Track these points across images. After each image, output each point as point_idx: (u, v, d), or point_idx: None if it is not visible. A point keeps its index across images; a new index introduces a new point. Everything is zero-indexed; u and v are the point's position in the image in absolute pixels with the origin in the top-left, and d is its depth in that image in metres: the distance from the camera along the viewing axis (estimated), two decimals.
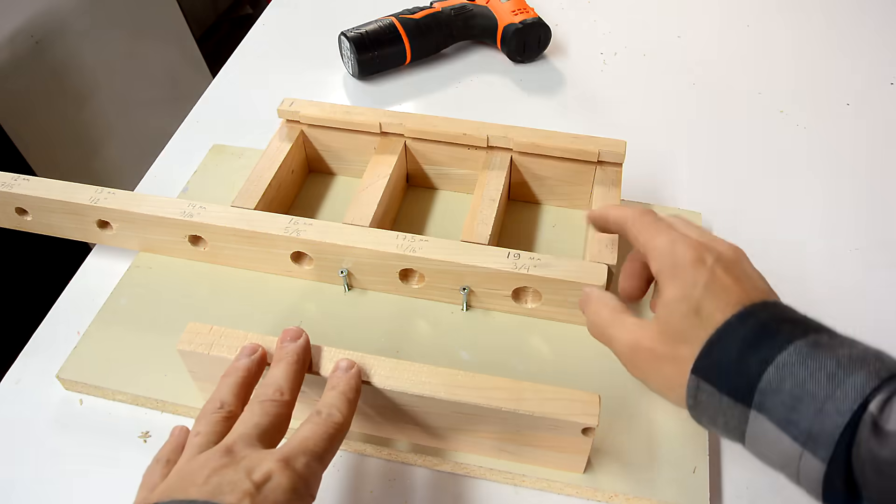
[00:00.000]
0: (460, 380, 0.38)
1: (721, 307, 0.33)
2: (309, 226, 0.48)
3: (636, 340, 0.36)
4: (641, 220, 0.38)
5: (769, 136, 0.66)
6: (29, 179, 0.51)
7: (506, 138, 0.54)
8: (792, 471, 0.31)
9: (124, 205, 0.50)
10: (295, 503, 0.30)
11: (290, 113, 0.57)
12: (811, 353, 0.30)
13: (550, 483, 0.41)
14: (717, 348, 0.32)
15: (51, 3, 1.07)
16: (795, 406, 0.30)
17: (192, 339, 0.40)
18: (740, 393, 0.31)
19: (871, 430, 0.28)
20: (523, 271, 0.45)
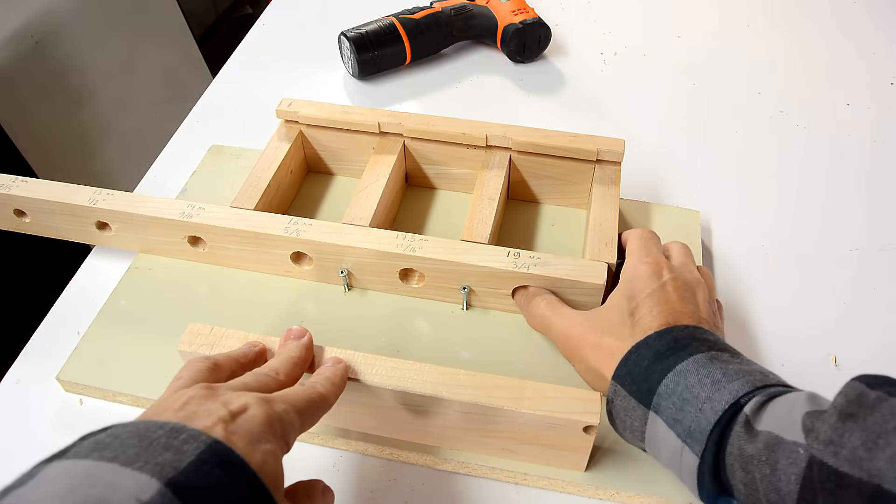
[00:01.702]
0: (462, 379, 0.38)
1: (654, 315, 0.38)
2: (309, 226, 0.48)
3: (571, 326, 0.41)
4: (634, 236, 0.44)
5: (769, 136, 0.66)
6: (27, 181, 0.51)
7: (505, 137, 0.54)
8: (676, 466, 0.35)
9: (123, 206, 0.50)
10: (269, 438, 0.29)
11: (289, 113, 0.56)
12: (705, 364, 0.34)
13: (552, 481, 0.41)
14: (634, 358, 0.36)
15: (51, 3, 1.07)
16: (682, 407, 0.34)
17: (193, 339, 0.40)
18: (643, 396, 0.35)
19: (744, 428, 0.32)
20: (524, 270, 0.45)
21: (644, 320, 0.38)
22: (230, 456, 0.27)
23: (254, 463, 0.27)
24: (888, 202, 0.59)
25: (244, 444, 0.28)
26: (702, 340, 0.36)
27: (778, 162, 0.63)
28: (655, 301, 0.38)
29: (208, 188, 0.58)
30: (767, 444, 0.31)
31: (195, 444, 0.26)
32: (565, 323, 0.42)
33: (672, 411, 0.34)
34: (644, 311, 0.38)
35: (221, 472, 0.26)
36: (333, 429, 0.43)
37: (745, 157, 0.64)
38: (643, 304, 0.39)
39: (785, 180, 0.62)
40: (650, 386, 0.35)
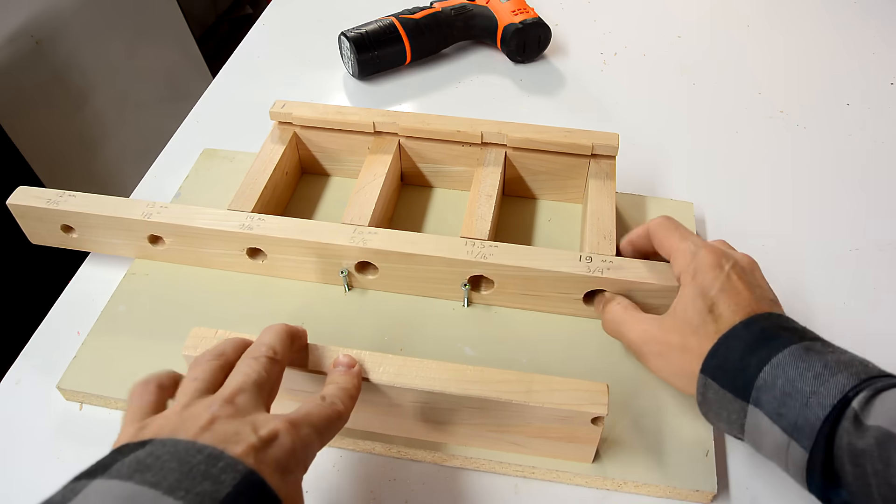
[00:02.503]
0: (469, 374, 0.38)
1: (732, 308, 0.38)
2: (374, 234, 0.47)
3: (648, 331, 0.41)
4: (665, 225, 0.44)
5: (769, 136, 0.66)
6: (75, 195, 0.50)
7: (500, 134, 0.54)
8: (781, 459, 0.35)
9: (179, 219, 0.48)
10: (292, 468, 0.30)
11: (283, 115, 0.56)
12: (803, 356, 0.34)
13: (560, 474, 0.41)
14: (723, 350, 0.36)
15: (51, 3, 1.07)
16: (785, 401, 0.34)
17: (197, 343, 0.39)
18: (740, 389, 0.35)
19: (852, 423, 0.32)
20: (597, 274, 0.45)
21: (725, 315, 0.38)
22: (264, 488, 0.27)
23: (282, 495, 0.28)
24: (888, 202, 0.59)
25: (274, 474, 0.29)
26: (791, 330, 0.36)
27: (778, 162, 0.63)
28: (729, 294, 0.38)
29: (202, 192, 0.58)
30: (878, 440, 0.31)
31: (232, 475, 0.27)
32: (642, 328, 0.41)
33: (774, 405, 0.34)
34: (722, 306, 0.38)
35: None
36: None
37: (746, 157, 0.64)
38: (719, 300, 0.38)
39: (785, 180, 0.62)
40: (746, 379, 0.35)
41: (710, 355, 0.37)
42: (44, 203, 0.49)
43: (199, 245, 0.50)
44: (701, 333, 0.38)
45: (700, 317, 0.38)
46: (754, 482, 0.42)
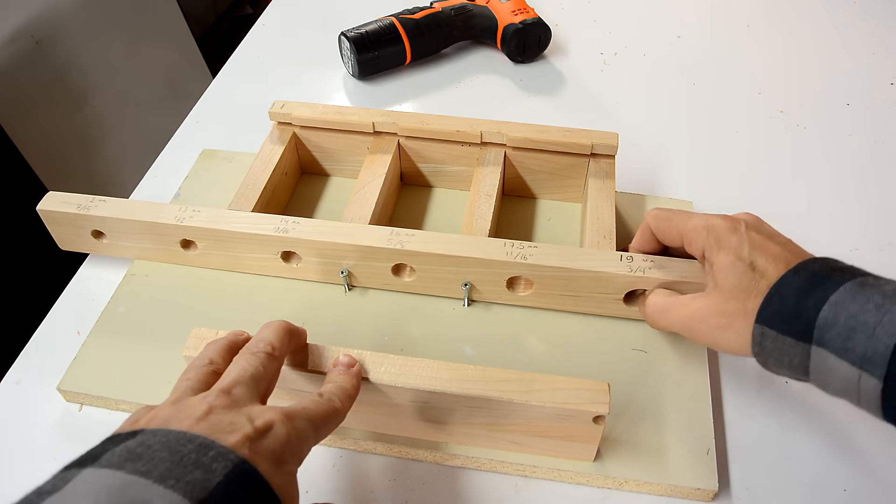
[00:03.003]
0: (470, 374, 0.38)
1: (771, 261, 0.38)
2: (411, 237, 0.47)
3: (704, 308, 0.40)
4: (663, 216, 0.44)
5: (769, 136, 0.66)
6: (106, 200, 0.49)
7: (499, 134, 0.54)
8: (853, 394, 0.35)
9: (213, 223, 0.48)
10: (287, 459, 0.30)
11: (282, 115, 0.56)
12: (859, 291, 0.35)
13: (561, 473, 0.41)
14: (776, 298, 0.37)
15: (51, 3, 1.07)
16: (850, 336, 0.34)
17: (198, 344, 0.39)
18: (800, 333, 0.35)
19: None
20: (639, 274, 0.44)
21: (768, 269, 0.38)
22: (255, 476, 0.27)
23: (275, 485, 0.28)
24: (888, 202, 0.59)
25: (268, 464, 0.28)
26: (840, 269, 0.36)
27: (778, 162, 0.63)
28: (760, 250, 0.39)
29: (201, 193, 0.58)
30: None
31: (223, 463, 0.27)
32: (695, 307, 0.41)
33: (840, 342, 0.34)
34: (760, 261, 0.38)
35: (247, 495, 0.27)
36: (339, 428, 0.42)
37: (746, 156, 0.64)
38: (755, 257, 0.39)
39: (785, 180, 0.62)
40: (806, 321, 0.35)
41: (765, 305, 0.37)
42: (74, 209, 0.49)
43: (233, 249, 0.49)
44: (755, 292, 0.38)
45: (747, 277, 0.38)
46: (755, 480, 0.42)
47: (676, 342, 0.47)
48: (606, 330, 0.48)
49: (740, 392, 0.46)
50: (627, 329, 0.48)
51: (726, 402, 0.46)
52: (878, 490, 0.41)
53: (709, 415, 0.43)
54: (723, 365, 0.48)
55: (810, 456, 0.43)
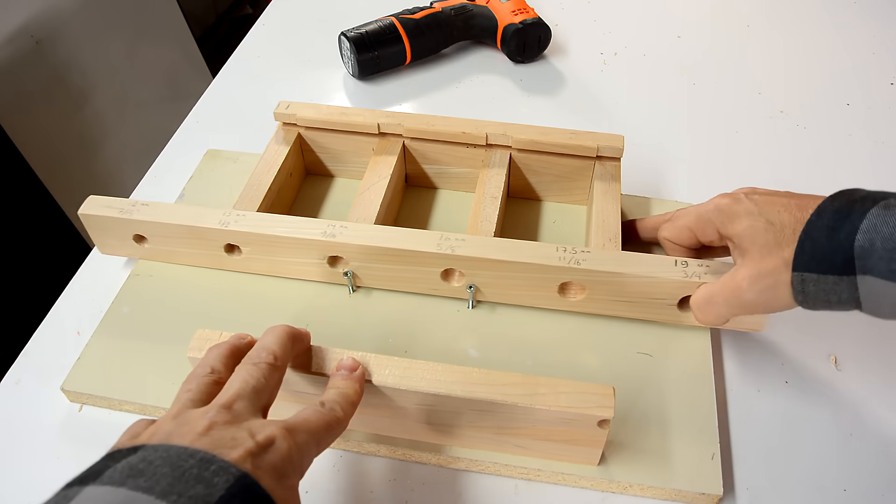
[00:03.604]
0: (475, 377, 0.38)
1: (783, 210, 0.39)
2: (462, 242, 0.46)
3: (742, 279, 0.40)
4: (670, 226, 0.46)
5: (769, 136, 0.66)
6: (148, 204, 0.49)
7: (505, 136, 0.54)
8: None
9: (258, 227, 0.48)
10: (289, 473, 0.30)
11: (287, 116, 0.56)
12: (887, 213, 0.35)
13: (565, 476, 0.41)
14: (808, 243, 0.37)
15: (51, 3, 1.07)
16: (892, 256, 0.34)
17: (202, 345, 0.39)
18: (841, 267, 0.36)
19: None
20: (695, 279, 0.44)
21: (784, 219, 0.39)
22: (257, 490, 0.27)
23: (277, 498, 0.28)
24: None
25: (270, 479, 0.28)
26: (861, 199, 0.37)
27: (778, 162, 0.63)
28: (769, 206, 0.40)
29: (206, 193, 0.58)
30: None
31: (225, 477, 0.27)
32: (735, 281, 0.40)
33: (883, 265, 0.34)
34: (774, 215, 0.39)
35: None
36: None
37: (746, 156, 0.64)
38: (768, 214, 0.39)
39: (784, 180, 0.62)
40: (843, 255, 0.35)
41: (798, 252, 0.37)
42: (117, 213, 0.49)
43: (278, 254, 0.49)
44: (784, 242, 0.38)
45: (770, 232, 0.39)
46: (760, 485, 0.42)
47: (682, 345, 0.47)
48: (612, 333, 0.48)
49: (740, 392, 0.46)
50: (633, 332, 0.48)
51: (729, 403, 0.46)
52: (878, 490, 0.41)
53: (714, 419, 0.43)
54: (726, 366, 0.48)
55: (810, 456, 0.43)
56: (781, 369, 0.47)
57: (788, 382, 0.46)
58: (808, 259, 0.37)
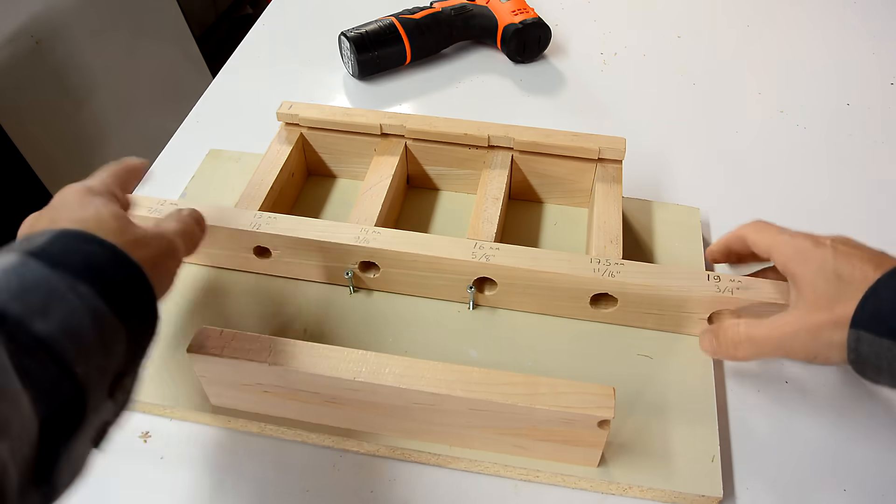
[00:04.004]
0: (475, 377, 0.38)
1: (858, 267, 0.37)
2: (497, 251, 0.46)
3: (789, 325, 0.39)
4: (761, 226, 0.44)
5: (769, 136, 0.66)
6: (177, 203, 0.49)
7: (507, 137, 0.54)
8: None
9: (289, 230, 0.47)
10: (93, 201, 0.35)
11: (289, 116, 0.56)
12: None
13: (565, 477, 0.41)
14: (872, 300, 0.36)
15: (51, 3, 1.07)
16: None
17: (203, 342, 0.39)
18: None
19: None
20: (727, 294, 0.44)
21: (855, 275, 0.37)
22: (77, 232, 0.31)
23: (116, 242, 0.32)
24: (888, 202, 0.59)
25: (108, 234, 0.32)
26: None
27: (778, 162, 0.63)
28: (847, 258, 0.38)
29: (208, 192, 0.58)
30: None
31: (43, 235, 0.30)
32: (783, 326, 0.40)
33: None
34: (846, 270, 0.38)
35: (73, 242, 0.30)
36: (341, 429, 0.43)
37: (746, 157, 0.64)
38: (840, 266, 0.38)
39: (785, 180, 0.62)
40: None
41: (860, 308, 0.36)
42: (145, 211, 0.48)
43: (309, 258, 0.49)
44: (842, 299, 0.37)
45: (833, 286, 0.38)
46: (760, 488, 0.42)
47: (682, 348, 0.47)
48: (612, 334, 0.48)
49: (740, 393, 0.46)
50: (634, 334, 0.48)
51: (728, 404, 0.46)
52: (878, 490, 0.41)
53: (714, 421, 0.43)
54: (726, 366, 0.48)
55: (810, 456, 0.43)
56: (781, 369, 0.47)
57: (788, 382, 0.46)
58: (869, 317, 0.36)
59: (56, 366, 0.27)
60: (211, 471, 0.43)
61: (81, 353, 0.27)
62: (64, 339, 0.27)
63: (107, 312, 0.29)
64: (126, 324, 0.30)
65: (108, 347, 0.29)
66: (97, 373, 0.28)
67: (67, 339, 0.27)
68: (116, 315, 0.29)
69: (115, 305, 0.29)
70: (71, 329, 0.27)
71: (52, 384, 0.27)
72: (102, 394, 0.29)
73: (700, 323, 0.46)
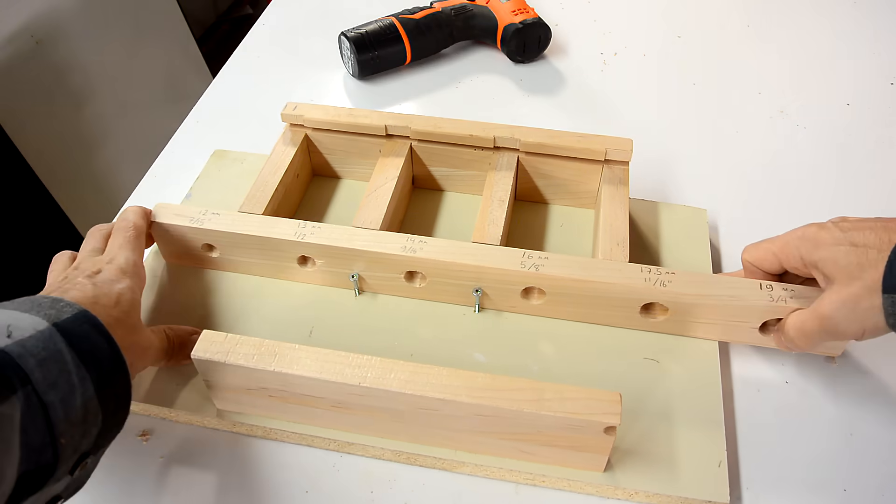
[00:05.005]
0: (480, 382, 0.38)
1: (869, 232, 0.37)
2: (545, 260, 0.46)
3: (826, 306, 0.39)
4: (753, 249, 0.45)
5: (769, 136, 0.66)
6: (220, 213, 0.49)
7: (512, 139, 0.53)
8: None
9: (335, 240, 0.47)
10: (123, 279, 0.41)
11: (294, 117, 0.56)
12: None
13: (571, 482, 0.41)
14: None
15: (51, 3, 1.07)
16: None
17: (208, 347, 0.39)
18: None
19: None
20: (781, 303, 0.43)
21: (870, 239, 0.37)
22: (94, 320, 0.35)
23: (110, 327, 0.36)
24: (888, 202, 0.59)
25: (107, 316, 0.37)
26: None
27: (778, 162, 0.63)
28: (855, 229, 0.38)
29: (212, 193, 0.58)
30: None
31: (71, 309, 0.35)
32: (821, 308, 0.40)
33: None
34: (859, 237, 0.38)
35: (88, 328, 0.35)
36: (346, 433, 0.43)
37: (746, 157, 0.64)
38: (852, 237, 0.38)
39: (785, 180, 0.62)
40: None
41: (888, 273, 0.35)
42: (187, 221, 0.48)
43: (356, 268, 0.49)
44: (868, 264, 0.37)
45: (853, 255, 0.37)
46: (767, 493, 0.41)
47: (689, 351, 0.47)
48: (619, 339, 0.48)
49: (741, 393, 0.46)
50: (640, 338, 0.48)
51: (735, 408, 0.46)
52: (878, 490, 0.41)
53: (721, 426, 0.43)
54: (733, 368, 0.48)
55: (810, 456, 0.43)
56: (781, 369, 0.47)
57: (788, 382, 0.46)
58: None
59: (48, 433, 0.31)
60: (210, 470, 0.43)
61: (67, 428, 0.32)
62: (60, 412, 0.32)
63: (94, 399, 0.33)
64: (104, 412, 0.34)
65: (86, 429, 0.33)
66: (71, 448, 0.32)
67: (62, 412, 0.32)
68: (100, 403, 0.34)
69: (101, 395, 0.34)
70: (66, 405, 0.32)
71: (40, 447, 0.31)
72: (66, 467, 0.33)
73: (751, 332, 0.46)
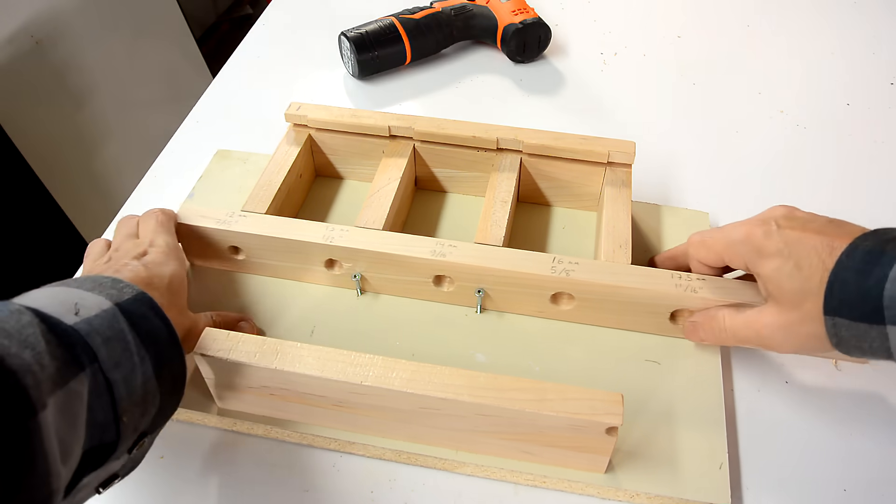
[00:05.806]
0: (482, 381, 0.38)
1: (813, 254, 0.37)
2: (576, 265, 0.45)
3: (765, 327, 0.40)
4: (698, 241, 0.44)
5: (769, 136, 0.66)
6: (246, 216, 0.49)
7: (515, 140, 0.53)
8: None
9: (365, 244, 0.47)
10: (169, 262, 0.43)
11: (298, 117, 0.56)
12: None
13: (572, 483, 0.41)
14: (837, 286, 0.36)
15: (51, 3, 1.07)
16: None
17: (211, 344, 0.39)
18: (870, 315, 0.34)
19: None
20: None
21: (813, 262, 0.37)
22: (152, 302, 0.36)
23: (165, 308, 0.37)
24: (888, 202, 0.59)
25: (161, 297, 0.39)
26: (891, 240, 0.35)
27: (778, 162, 0.64)
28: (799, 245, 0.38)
29: (215, 193, 0.58)
30: None
31: (131, 290, 0.36)
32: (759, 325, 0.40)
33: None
34: (804, 258, 0.37)
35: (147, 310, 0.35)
36: (347, 433, 0.43)
37: (746, 157, 0.64)
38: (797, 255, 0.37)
39: (785, 180, 0.62)
40: (873, 304, 0.34)
41: (827, 299, 0.36)
42: (214, 223, 0.48)
43: (383, 271, 0.48)
44: (808, 293, 0.37)
45: (796, 280, 0.37)
46: (768, 495, 0.41)
47: (690, 353, 0.47)
48: (620, 340, 0.47)
49: (741, 392, 0.46)
50: (642, 339, 0.47)
51: (736, 409, 0.45)
52: (878, 490, 0.41)
53: (722, 428, 0.42)
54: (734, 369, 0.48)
55: (810, 456, 0.43)
56: (781, 369, 0.47)
57: (788, 382, 0.46)
58: (839, 304, 0.35)
59: (112, 411, 0.32)
60: (210, 470, 0.43)
61: (128, 407, 0.32)
62: (123, 390, 0.32)
63: (153, 379, 0.34)
64: (161, 393, 0.35)
65: (145, 408, 0.34)
66: (132, 427, 0.33)
67: (125, 391, 0.32)
68: (158, 383, 0.34)
69: (159, 375, 0.34)
70: (129, 384, 0.32)
71: (104, 425, 0.32)
72: (126, 446, 0.33)
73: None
